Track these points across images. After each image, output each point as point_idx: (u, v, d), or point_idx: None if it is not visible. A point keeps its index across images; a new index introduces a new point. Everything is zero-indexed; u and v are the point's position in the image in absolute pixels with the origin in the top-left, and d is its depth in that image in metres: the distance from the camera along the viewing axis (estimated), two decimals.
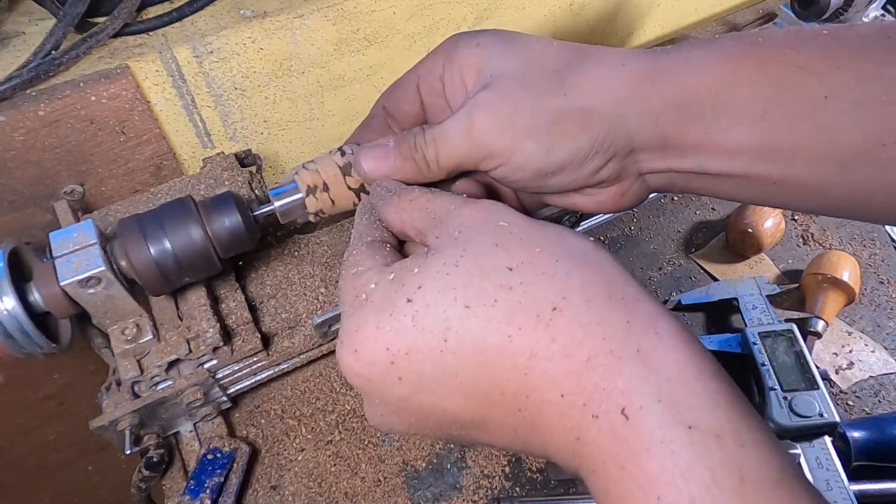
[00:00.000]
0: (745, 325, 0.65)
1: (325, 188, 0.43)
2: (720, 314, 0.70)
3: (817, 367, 0.59)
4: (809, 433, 0.55)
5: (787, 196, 0.37)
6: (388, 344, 0.30)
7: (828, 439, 0.54)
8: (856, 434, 0.55)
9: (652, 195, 0.43)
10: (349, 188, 0.44)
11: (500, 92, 0.37)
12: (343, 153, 0.44)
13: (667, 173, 0.39)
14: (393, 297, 0.31)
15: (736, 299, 0.68)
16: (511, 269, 0.29)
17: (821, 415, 0.55)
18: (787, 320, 0.66)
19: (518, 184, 0.40)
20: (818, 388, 0.57)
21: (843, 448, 0.55)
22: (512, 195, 0.46)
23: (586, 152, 0.37)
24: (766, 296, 0.68)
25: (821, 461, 0.53)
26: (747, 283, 0.69)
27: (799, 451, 0.53)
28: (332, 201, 0.44)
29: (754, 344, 0.61)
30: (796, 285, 0.72)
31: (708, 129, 0.36)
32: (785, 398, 0.56)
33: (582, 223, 0.65)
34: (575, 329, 0.27)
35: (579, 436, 0.27)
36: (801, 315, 0.69)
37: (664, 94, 0.36)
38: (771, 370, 0.59)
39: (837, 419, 0.54)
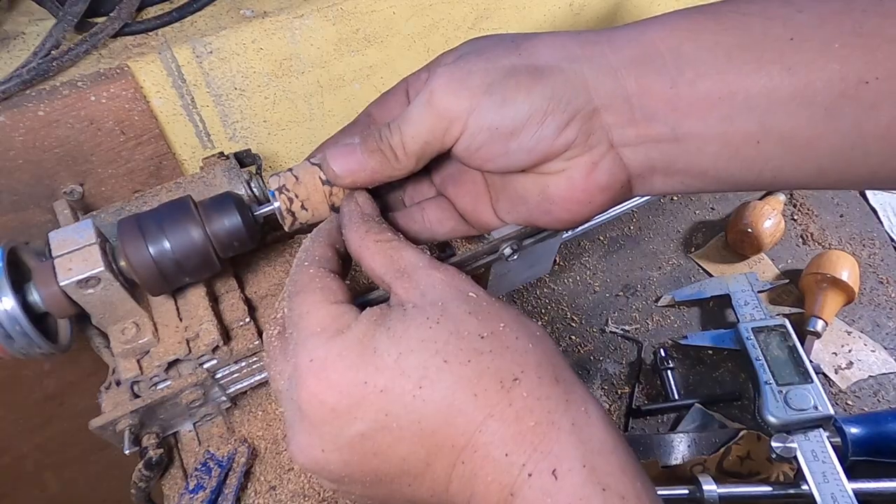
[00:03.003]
0: (738, 321, 0.65)
1: (304, 202, 0.43)
2: (714, 310, 0.71)
3: (811, 362, 0.60)
4: (805, 426, 0.55)
5: (778, 161, 0.35)
6: (367, 378, 0.32)
7: (823, 432, 0.55)
8: (853, 430, 0.56)
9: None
10: (329, 200, 0.43)
11: (458, 62, 0.38)
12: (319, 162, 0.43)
13: (642, 146, 0.37)
14: (377, 335, 0.33)
15: (728, 295, 0.69)
16: (482, 338, 0.32)
17: (815, 408, 0.55)
18: (778, 315, 0.67)
19: (482, 154, 0.38)
20: (812, 381, 0.57)
21: (840, 445, 0.55)
22: (483, 188, 0.45)
23: (543, 109, 0.36)
24: (758, 291, 0.68)
25: (816, 454, 0.53)
26: (739, 279, 0.70)
27: (795, 444, 0.54)
28: (312, 214, 0.43)
29: (748, 339, 0.62)
30: (787, 281, 0.72)
31: (673, 83, 0.34)
32: (780, 391, 0.57)
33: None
34: (528, 400, 0.31)
35: (513, 492, 0.30)
36: (794, 310, 0.70)
37: (621, 52, 0.35)
38: (765, 364, 0.59)
39: (832, 412, 0.55)
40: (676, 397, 0.64)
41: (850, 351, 0.68)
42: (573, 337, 0.68)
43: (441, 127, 0.37)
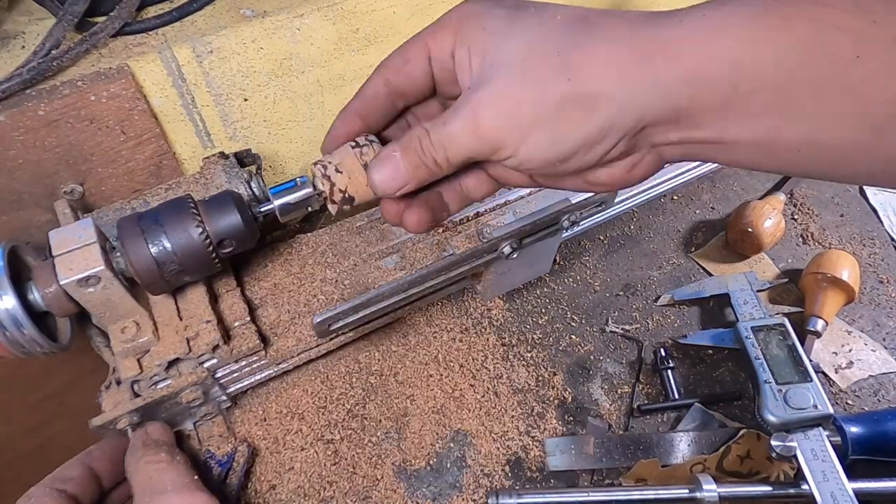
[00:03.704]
0: (738, 320, 0.65)
1: (347, 188, 0.43)
2: (714, 309, 0.71)
3: (810, 361, 0.60)
4: (804, 425, 0.55)
5: (814, 163, 0.35)
6: None
7: (823, 431, 0.55)
8: (853, 429, 0.56)
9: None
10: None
11: (501, 86, 0.37)
12: (358, 146, 0.44)
13: (682, 145, 0.38)
14: None
15: (728, 294, 0.69)
16: None
17: (815, 406, 0.55)
18: (778, 314, 0.67)
19: (529, 172, 0.41)
20: (811, 380, 0.57)
21: (840, 444, 0.55)
22: (525, 176, 0.45)
23: (594, 137, 0.36)
24: (757, 291, 0.68)
25: (816, 452, 0.53)
26: (738, 278, 0.70)
27: (795, 443, 0.54)
28: (354, 198, 0.44)
29: (747, 338, 0.62)
30: (787, 280, 0.72)
31: (726, 101, 0.34)
32: (780, 391, 0.57)
33: (581, 223, 0.65)
34: None
35: None
36: (794, 310, 0.70)
37: (676, 69, 0.34)
38: (765, 363, 0.59)
39: (831, 411, 0.55)
40: (676, 397, 0.64)
41: (850, 350, 0.68)
42: (573, 336, 0.68)
43: (488, 150, 0.38)
